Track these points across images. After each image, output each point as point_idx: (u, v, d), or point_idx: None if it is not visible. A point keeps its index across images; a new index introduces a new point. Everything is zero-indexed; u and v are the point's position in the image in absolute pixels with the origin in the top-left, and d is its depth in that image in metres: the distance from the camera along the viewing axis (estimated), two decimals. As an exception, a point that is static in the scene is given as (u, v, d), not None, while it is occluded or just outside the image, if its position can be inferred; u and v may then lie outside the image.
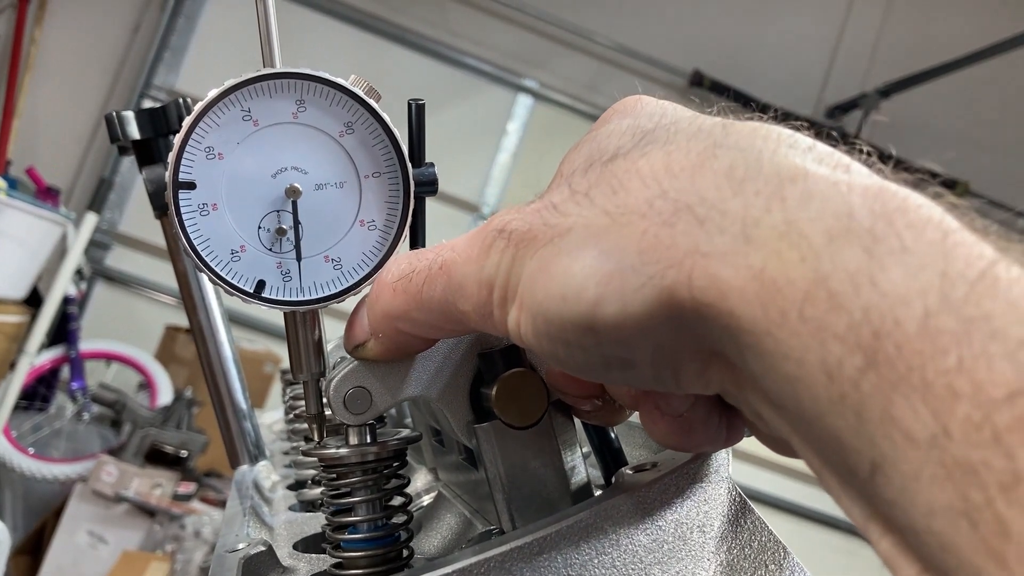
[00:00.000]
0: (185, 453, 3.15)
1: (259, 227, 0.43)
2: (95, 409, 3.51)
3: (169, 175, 0.41)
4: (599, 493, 0.44)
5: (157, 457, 3.12)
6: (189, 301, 0.81)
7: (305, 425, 0.74)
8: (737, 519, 0.41)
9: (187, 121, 0.41)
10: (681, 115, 0.35)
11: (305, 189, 0.43)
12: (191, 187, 0.41)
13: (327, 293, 0.44)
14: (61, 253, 3.59)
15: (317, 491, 0.66)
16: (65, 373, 3.66)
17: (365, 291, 0.43)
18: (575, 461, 0.44)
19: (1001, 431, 0.21)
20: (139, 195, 4.29)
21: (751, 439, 0.39)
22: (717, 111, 0.35)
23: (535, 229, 0.33)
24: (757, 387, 0.28)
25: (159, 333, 3.98)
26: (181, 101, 0.77)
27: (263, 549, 0.49)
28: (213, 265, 0.42)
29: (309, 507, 0.67)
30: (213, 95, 0.41)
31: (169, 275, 3.77)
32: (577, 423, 0.46)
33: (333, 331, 0.49)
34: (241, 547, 0.50)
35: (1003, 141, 5.05)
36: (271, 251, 0.43)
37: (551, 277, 0.32)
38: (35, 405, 3.65)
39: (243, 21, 4.30)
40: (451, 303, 0.37)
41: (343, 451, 0.44)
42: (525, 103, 4.74)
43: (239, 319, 3.96)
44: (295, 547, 0.57)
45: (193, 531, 2.81)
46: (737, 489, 0.42)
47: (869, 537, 0.25)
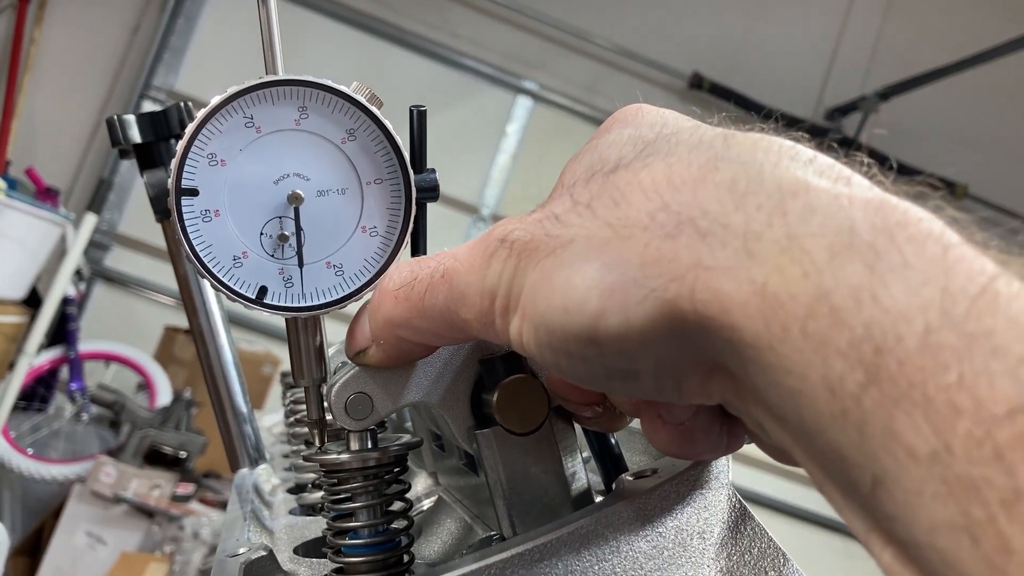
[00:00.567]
0: (184, 454, 3.16)
1: (261, 233, 0.43)
2: (94, 410, 3.51)
3: (172, 182, 0.41)
4: (600, 499, 0.44)
5: (156, 458, 3.12)
6: (190, 304, 0.81)
7: (305, 429, 0.75)
8: (737, 525, 0.41)
9: (190, 128, 0.41)
10: (682, 125, 0.35)
11: (307, 195, 0.43)
12: (194, 193, 0.41)
13: (329, 299, 0.44)
14: (60, 253, 3.59)
15: (317, 495, 0.66)
16: (64, 374, 3.66)
17: (367, 297, 0.44)
18: (575, 467, 0.45)
19: (1002, 448, 0.21)
20: (138, 196, 4.29)
21: (752, 444, 0.39)
22: (718, 121, 0.35)
23: (537, 239, 0.33)
24: (759, 399, 0.28)
25: (158, 334, 3.98)
26: (182, 105, 0.77)
27: (264, 554, 0.49)
28: (215, 271, 0.42)
29: (309, 511, 0.67)
30: (216, 102, 0.41)
31: (168, 276, 3.75)
32: (577, 429, 0.46)
33: (334, 335, 0.49)
34: (242, 552, 0.50)
35: (1002, 144, 5.06)
36: (273, 257, 0.43)
37: (553, 288, 0.32)
38: (34, 405, 3.65)
39: (243, 22, 4.30)
40: (453, 311, 0.37)
41: (344, 456, 0.45)
42: (525, 105, 4.74)
43: (238, 320, 3.96)
44: (295, 551, 0.57)
45: (192, 532, 2.81)
46: (737, 495, 0.42)
47: (871, 549, 0.25)
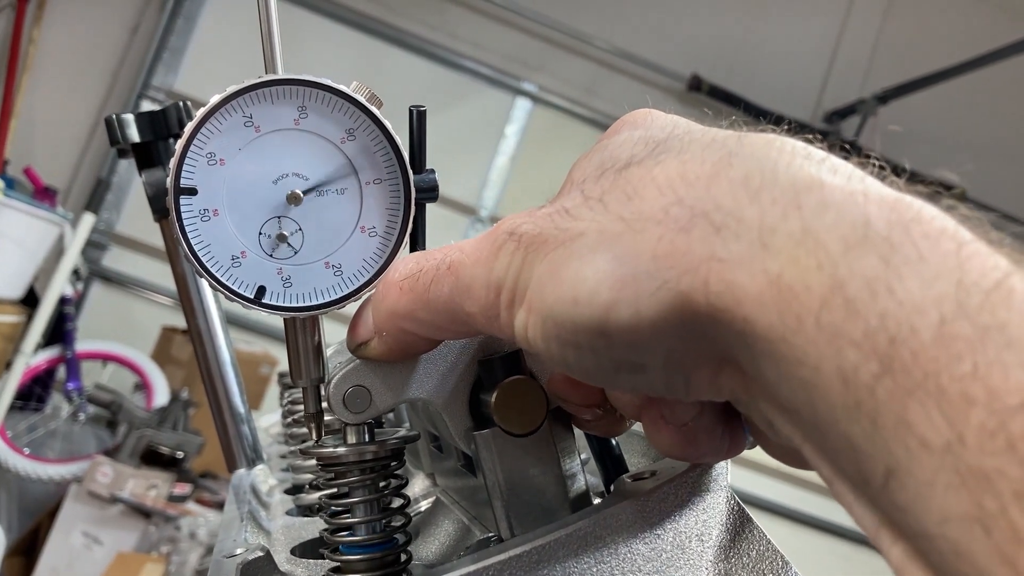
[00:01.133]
0: (181, 454, 3.15)
1: (260, 233, 0.43)
2: (91, 409, 3.51)
3: (171, 181, 0.41)
4: (598, 501, 0.44)
5: (153, 458, 3.12)
6: (188, 304, 0.81)
7: (303, 430, 0.75)
8: (736, 528, 0.41)
9: (189, 127, 0.41)
10: (694, 127, 0.35)
11: (306, 195, 0.43)
12: (192, 193, 0.41)
13: (327, 299, 0.43)
14: (58, 253, 3.58)
15: (315, 496, 0.66)
16: (61, 373, 3.65)
17: (365, 297, 0.43)
18: (574, 469, 0.44)
19: (1015, 439, 0.21)
20: (136, 196, 4.29)
21: (752, 449, 0.39)
22: (728, 124, 0.35)
23: (546, 232, 0.33)
24: (769, 394, 0.28)
25: (155, 334, 3.98)
26: (181, 104, 0.77)
27: (261, 554, 0.49)
28: (214, 271, 0.42)
29: (306, 511, 0.67)
30: (215, 101, 0.41)
31: (166, 276, 3.75)
32: (578, 430, 0.46)
33: (333, 336, 0.49)
34: (239, 552, 0.50)
35: (1001, 148, 5.07)
36: (272, 257, 0.43)
37: (562, 280, 0.32)
38: (31, 405, 3.65)
39: (242, 22, 4.30)
40: (457, 304, 0.37)
41: (341, 450, 0.44)
42: (523, 106, 4.74)
43: (235, 320, 3.96)
44: (292, 552, 0.57)
45: (188, 532, 2.81)
46: (736, 498, 0.42)
47: (880, 545, 0.25)
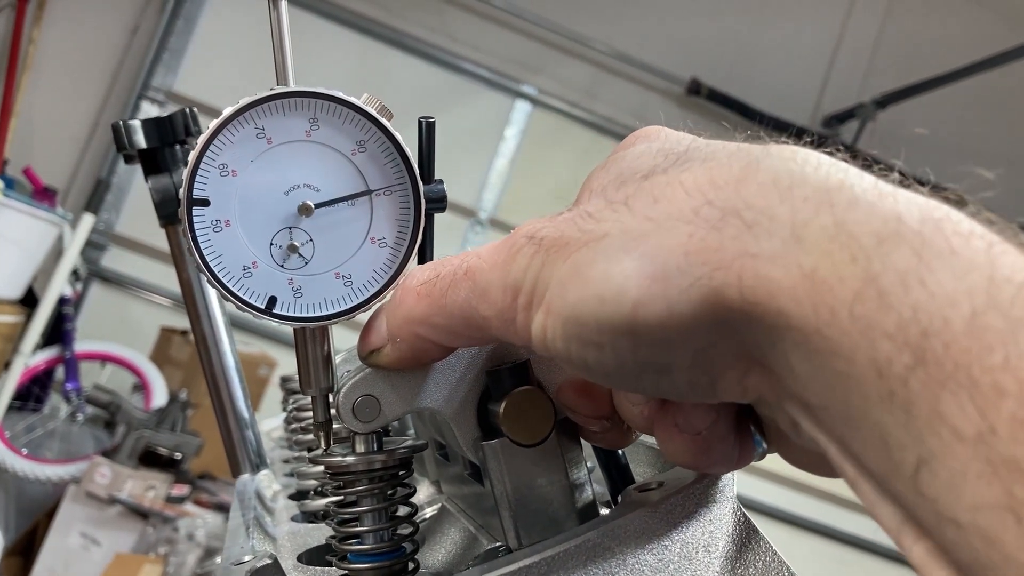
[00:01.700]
0: (179, 455, 3.15)
1: (271, 243, 0.43)
2: (89, 410, 3.50)
3: (184, 192, 0.41)
4: (605, 512, 0.44)
5: (151, 459, 3.11)
6: (193, 310, 0.82)
7: (308, 436, 0.75)
8: (742, 539, 0.41)
9: (202, 138, 0.41)
10: (713, 140, 0.35)
11: (317, 207, 0.43)
12: (205, 204, 0.42)
13: (337, 310, 0.44)
14: (57, 253, 3.58)
15: (320, 502, 0.66)
16: (60, 374, 3.64)
17: (375, 307, 0.44)
18: (581, 479, 0.45)
19: None
20: (136, 196, 4.29)
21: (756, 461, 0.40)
22: (744, 138, 0.36)
23: (568, 235, 0.33)
24: (798, 392, 0.29)
25: (154, 335, 3.97)
26: (187, 111, 0.77)
27: (269, 562, 0.49)
28: (225, 281, 0.42)
29: (312, 518, 0.67)
30: (228, 113, 0.42)
31: (165, 277, 3.73)
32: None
33: (341, 343, 0.49)
34: (247, 560, 0.50)
35: (998, 152, 5.08)
36: (283, 267, 0.43)
37: (587, 280, 0.32)
38: (29, 405, 3.64)
39: (242, 23, 4.30)
40: (473, 308, 0.37)
41: (350, 459, 0.45)
42: (523, 109, 4.74)
43: (233, 321, 3.95)
44: (299, 559, 0.57)
45: (186, 534, 2.80)
46: (742, 510, 0.42)
47: (901, 543, 0.26)
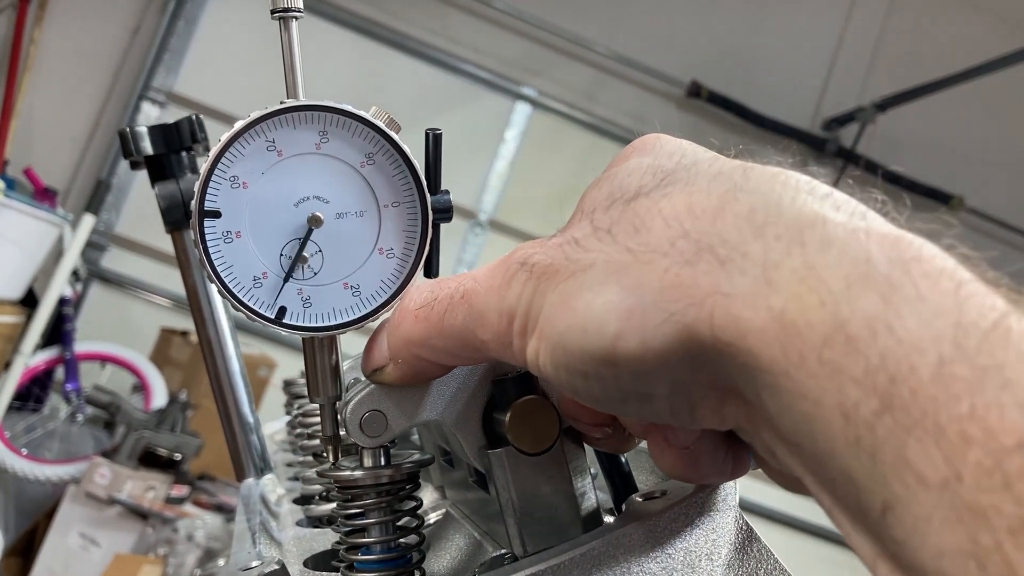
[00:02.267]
0: (179, 456, 3.15)
1: (281, 254, 0.44)
2: (89, 411, 3.50)
3: (195, 204, 0.42)
4: (609, 520, 0.45)
5: (151, 460, 3.12)
6: (198, 315, 0.82)
7: (314, 442, 0.75)
8: (744, 547, 0.42)
9: (213, 151, 0.42)
10: (701, 156, 0.36)
11: (326, 218, 0.44)
12: (216, 216, 0.42)
13: (345, 319, 0.45)
14: (57, 254, 3.58)
15: (325, 507, 0.66)
16: (60, 374, 3.64)
17: (383, 318, 0.44)
18: (585, 487, 0.45)
19: (1011, 477, 0.22)
20: (136, 197, 4.29)
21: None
22: (735, 153, 0.36)
23: (557, 263, 0.34)
24: (772, 426, 0.29)
25: (154, 335, 3.97)
26: (194, 118, 0.78)
27: (277, 568, 0.49)
28: (236, 291, 0.43)
29: (316, 523, 0.67)
30: (239, 126, 0.42)
31: (165, 278, 3.72)
32: (588, 447, 0.47)
33: (350, 349, 0.50)
34: (255, 565, 0.51)
35: (998, 155, 5.09)
36: (292, 278, 0.44)
37: (572, 310, 0.32)
38: (29, 406, 3.64)
39: (243, 25, 4.30)
40: (471, 331, 0.37)
41: (358, 473, 0.45)
42: (523, 111, 4.75)
43: (235, 324, 3.95)
44: (305, 564, 0.58)
45: (186, 534, 2.81)
46: (743, 518, 0.43)
47: (877, 574, 0.26)
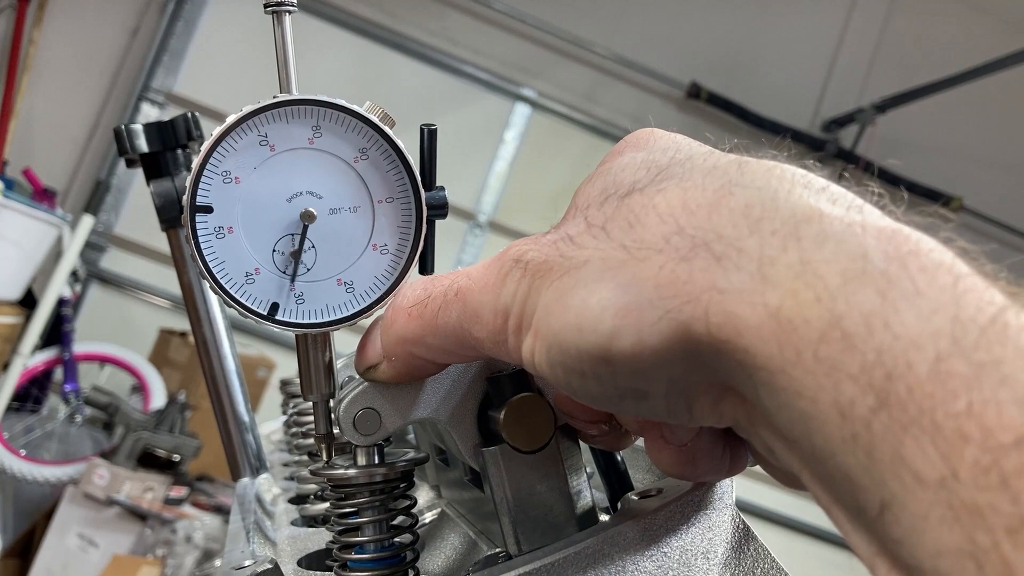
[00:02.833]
0: (177, 457, 3.15)
1: (274, 250, 0.43)
2: (88, 411, 3.50)
3: (187, 199, 0.41)
4: (605, 518, 0.45)
5: (149, 461, 3.11)
6: (194, 314, 0.82)
7: (308, 441, 0.75)
8: (740, 546, 0.42)
9: (205, 146, 0.42)
10: (696, 151, 0.35)
11: (320, 213, 0.43)
12: (208, 211, 0.42)
13: (339, 316, 0.44)
14: (56, 255, 3.58)
15: (319, 507, 0.66)
16: (58, 375, 3.64)
17: (377, 315, 0.44)
18: (581, 485, 0.45)
19: (1008, 475, 0.21)
20: (135, 198, 4.29)
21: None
22: (731, 148, 0.36)
23: (551, 260, 0.34)
24: (769, 423, 0.29)
25: (153, 336, 3.97)
26: (189, 115, 0.77)
27: (270, 567, 0.49)
28: (228, 287, 0.42)
29: (311, 522, 0.67)
30: (231, 120, 0.42)
31: (164, 278, 3.72)
32: (583, 446, 0.47)
33: (343, 347, 0.49)
34: (248, 564, 0.50)
35: (997, 157, 5.09)
36: (285, 274, 0.43)
37: (567, 308, 0.32)
38: (27, 406, 3.63)
39: (242, 25, 4.30)
40: (466, 329, 0.37)
41: (351, 472, 0.45)
42: (523, 112, 4.75)
43: (233, 323, 3.95)
44: (299, 563, 0.58)
45: (184, 536, 2.80)
46: (740, 516, 0.43)
47: (875, 573, 0.26)
